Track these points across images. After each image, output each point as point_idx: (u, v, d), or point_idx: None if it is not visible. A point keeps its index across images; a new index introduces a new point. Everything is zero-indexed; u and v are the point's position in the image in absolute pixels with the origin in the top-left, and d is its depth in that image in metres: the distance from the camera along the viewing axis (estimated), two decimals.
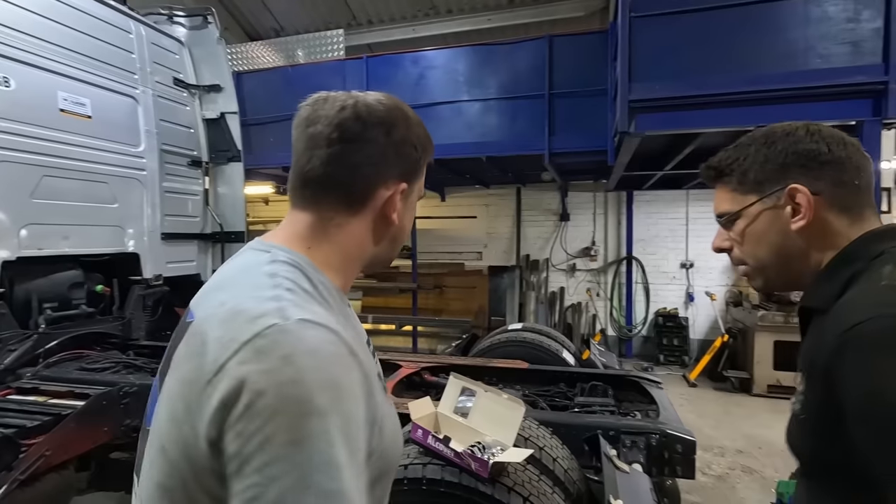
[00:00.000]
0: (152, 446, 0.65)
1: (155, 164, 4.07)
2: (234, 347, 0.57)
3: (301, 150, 0.74)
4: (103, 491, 3.41)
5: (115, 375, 3.05)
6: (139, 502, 0.68)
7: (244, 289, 0.66)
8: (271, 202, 9.70)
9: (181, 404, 0.60)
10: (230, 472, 0.54)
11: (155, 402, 0.68)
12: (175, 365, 0.65)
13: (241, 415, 0.53)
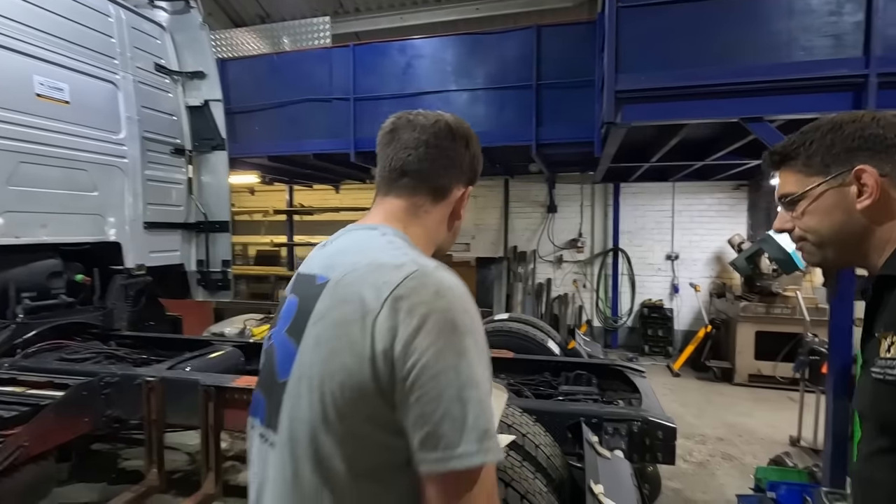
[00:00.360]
0: (303, 389, 0.74)
1: (136, 152, 3.99)
2: (391, 287, 0.70)
3: (399, 148, 0.91)
4: (85, 482, 3.39)
5: (96, 366, 3.00)
6: (283, 447, 0.76)
7: (373, 251, 0.80)
8: (257, 192, 9.60)
9: (343, 341, 0.71)
10: (403, 379, 0.67)
11: (290, 356, 0.78)
12: (321, 315, 0.75)
13: (412, 335, 0.67)
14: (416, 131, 0.91)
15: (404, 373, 0.68)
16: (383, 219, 0.91)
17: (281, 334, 0.83)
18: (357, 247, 0.85)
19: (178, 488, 3.24)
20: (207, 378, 2.64)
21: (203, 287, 4.75)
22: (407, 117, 0.94)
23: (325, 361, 0.72)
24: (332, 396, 0.71)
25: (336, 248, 0.88)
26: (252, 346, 3.59)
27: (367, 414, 0.70)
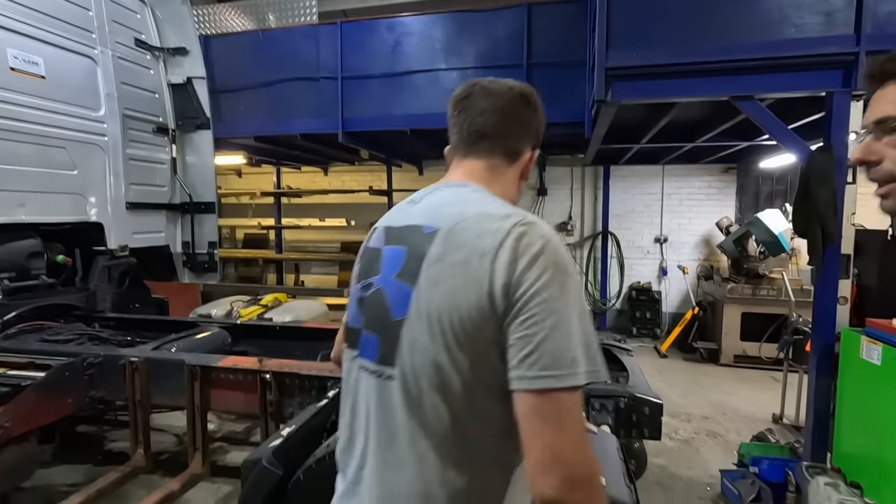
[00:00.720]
0: (423, 324, 0.83)
1: (117, 130, 3.89)
2: (505, 231, 0.81)
3: (477, 114, 0.99)
4: (70, 464, 3.37)
5: (79, 347, 2.96)
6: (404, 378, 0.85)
7: (475, 204, 0.90)
8: (244, 174, 9.44)
9: (463, 278, 0.81)
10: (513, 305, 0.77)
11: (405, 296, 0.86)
12: (437, 258, 0.84)
13: (525, 269, 0.78)
14: (492, 97, 0.99)
15: (515, 299, 0.78)
16: (467, 178, 1.00)
17: (389, 279, 0.91)
18: (456, 200, 0.93)
19: (165, 469, 3.22)
20: (193, 358, 2.61)
21: (189, 269, 4.69)
22: (482, 85, 1.01)
23: (445, 297, 0.82)
24: (453, 327, 0.80)
25: (433, 202, 0.96)
26: (239, 327, 3.56)
27: (483, 340, 0.80)
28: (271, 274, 9.24)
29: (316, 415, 1.95)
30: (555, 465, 0.73)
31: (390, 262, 0.92)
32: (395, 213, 1.02)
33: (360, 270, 1.01)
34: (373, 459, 0.90)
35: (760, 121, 2.98)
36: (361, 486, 0.92)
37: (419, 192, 1.02)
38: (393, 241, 0.95)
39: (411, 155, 8.02)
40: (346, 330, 1.03)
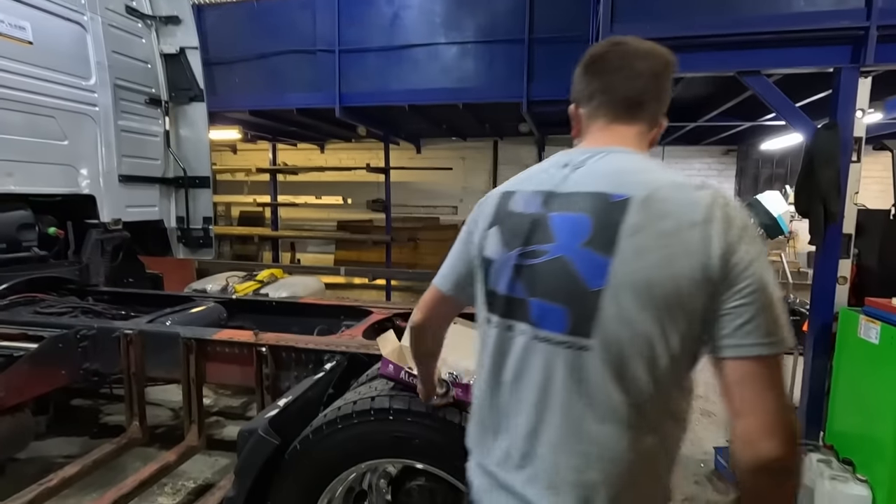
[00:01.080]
0: (628, 294, 0.81)
1: (108, 100, 3.79)
2: (710, 202, 0.81)
3: (633, 77, 0.95)
4: (65, 437, 3.37)
5: (72, 320, 2.92)
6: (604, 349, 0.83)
7: (657, 172, 0.89)
8: (240, 151, 9.32)
9: (675, 248, 0.80)
10: (727, 277, 0.79)
11: (600, 266, 0.83)
12: (639, 228, 0.82)
13: (737, 242, 0.79)
14: (648, 60, 0.95)
15: (730, 269, 0.79)
16: (623, 143, 0.96)
17: (574, 247, 0.86)
18: (633, 168, 0.90)
19: (161, 442, 3.23)
20: (188, 331, 2.58)
21: (184, 244, 4.63)
22: (634, 45, 0.96)
23: (656, 267, 0.80)
24: (666, 298, 0.80)
25: (604, 168, 0.91)
26: (235, 302, 3.52)
27: (693, 310, 0.81)
28: (267, 252, 9.19)
29: (313, 387, 1.94)
30: (777, 426, 0.77)
31: (570, 230, 0.87)
32: (545, 177, 0.96)
33: (508, 235, 0.94)
34: (554, 432, 0.87)
35: (766, 97, 2.92)
36: (535, 459, 0.89)
37: (567, 156, 0.97)
38: (564, 208, 0.89)
39: (409, 132, 7.92)
40: (488, 296, 0.97)
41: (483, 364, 0.99)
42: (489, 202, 1.04)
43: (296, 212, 9.11)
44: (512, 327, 0.93)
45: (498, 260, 0.95)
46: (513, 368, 0.92)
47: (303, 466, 1.58)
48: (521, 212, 0.95)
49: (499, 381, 0.95)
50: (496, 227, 0.98)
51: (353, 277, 7.93)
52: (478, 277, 1.01)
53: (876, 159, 6.24)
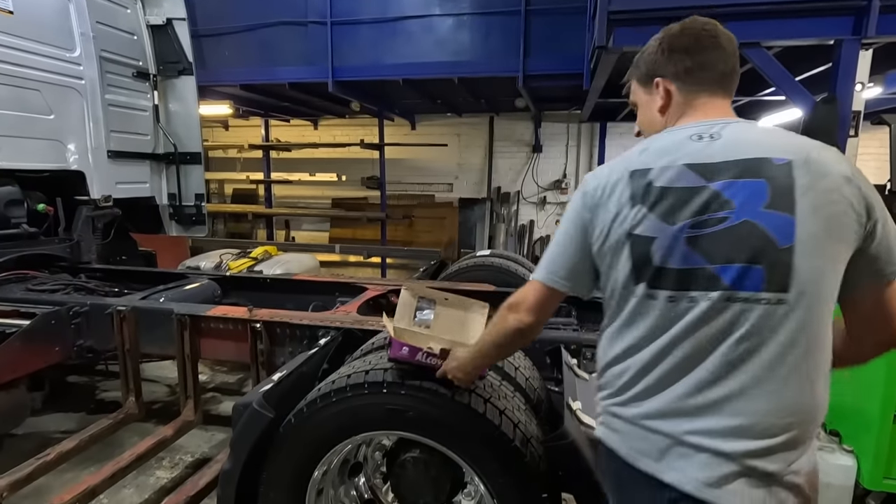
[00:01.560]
0: (812, 248, 0.92)
1: (94, 73, 3.69)
2: (846, 160, 0.99)
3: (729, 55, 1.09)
4: (62, 412, 3.38)
5: (65, 297, 2.90)
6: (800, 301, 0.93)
7: (792, 136, 1.02)
8: (232, 127, 9.18)
9: (842, 205, 0.92)
10: (875, 219, 0.94)
11: (787, 224, 0.92)
12: (808, 187, 0.93)
13: (870, 189, 0.95)
14: (731, 41, 1.09)
15: (874, 216, 0.94)
16: (729, 115, 1.09)
17: (758, 211, 0.93)
18: (769, 133, 1.05)
19: (157, 417, 3.25)
20: (182, 307, 2.58)
21: (176, 222, 4.58)
22: (715, 26, 1.09)
23: (830, 220, 0.92)
24: (839, 248, 0.94)
25: (747, 137, 1.01)
26: (229, 279, 3.51)
27: (853, 255, 0.95)
28: (261, 230, 9.13)
29: (307, 361, 1.94)
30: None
31: (749, 195, 0.94)
32: (685, 151, 1.00)
33: (668, 210, 0.97)
34: (751, 381, 0.94)
35: (766, 70, 2.88)
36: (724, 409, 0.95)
37: (692, 129, 1.03)
38: (731, 176, 0.96)
39: (404, 108, 7.81)
40: (649, 273, 0.99)
41: (637, 325, 1.02)
42: (617, 187, 1.03)
43: (290, 189, 9.03)
44: (693, 297, 0.96)
45: (661, 236, 0.97)
46: (691, 331, 0.96)
47: (298, 439, 1.59)
48: (676, 186, 0.97)
49: (674, 344, 0.98)
50: (643, 205, 0.98)
51: (349, 255, 7.92)
52: (620, 258, 1.02)
53: (873, 136, 6.21)
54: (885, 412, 2.44)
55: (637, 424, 1.02)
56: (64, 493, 2.01)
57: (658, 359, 1.00)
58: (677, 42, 1.08)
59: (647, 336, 1.01)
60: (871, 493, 2.57)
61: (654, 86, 1.13)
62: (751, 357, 0.94)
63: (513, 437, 1.40)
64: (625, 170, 1.03)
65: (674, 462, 0.97)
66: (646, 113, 1.18)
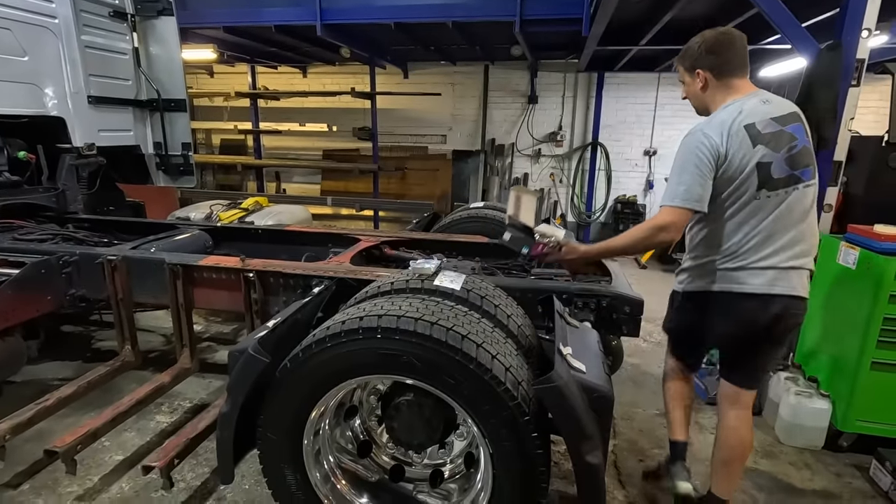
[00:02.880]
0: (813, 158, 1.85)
1: (68, 11, 3.49)
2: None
3: (741, 53, 1.86)
4: (59, 361, 3.42)
5: (54, 246, 2.87)
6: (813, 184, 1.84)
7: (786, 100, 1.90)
8: (217, 74, 8.83)
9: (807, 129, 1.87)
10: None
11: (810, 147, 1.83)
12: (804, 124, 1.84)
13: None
14: (743, 40, 1.88)
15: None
16: (754, 88, 1.89)
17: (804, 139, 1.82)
18: (783, 101, 1.88)
19: (154, 365, 3.30)
20: (174, 257, 2.56)
21: (164, 172, 4.48)
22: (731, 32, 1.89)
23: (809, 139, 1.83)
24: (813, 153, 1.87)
25: (778, 100, 1.86)
26: (220, 230, 3.47)
27: None
28: (251, 181, 8.98)
29: (301, 309, 1.95)
30: None
31: (799, 132, 1.81)
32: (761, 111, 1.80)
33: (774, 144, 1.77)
34: (808, 230, 1.85)
35: (772, 15, 2.78)
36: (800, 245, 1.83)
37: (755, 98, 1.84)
38: (789, 122, 1.80)
39: (396, 55, 7.53)
40: (762, 182, 1.78)
41: (757, 215, 1.80)
42: (737, 136, 1.77)
43: (280, 140, 8.81)
44: (788, 190, 1.78)
45: (775, 161, 1.77)
46: (784, 209, 1.79)
47: (293, 384, 1.62)
48: (771, 131, 1.78)
49: (775, 219, 1.80)
50: (760, 144, 1.76)
51: (341, 208, 7.84)
52: (744, 177, 1.78)
53: (874, 88, 6.11)
54: (861, 359, 2.54)
55: (758, 268, 1.82)
56: (66, 436, 2.05)
57: (768, 232, 1.80)
58: (718, 46, 1.86)
59: (762, 221, 1.80)
60: (843, 434, 2.71)
61: (696, 74, 1.91)
62: (806, 216, 1.82)
63: (504, 379, 1.44)
64: (739, 125, 1.77)
65: (772, 280, 1.81)
66: (691, 89, 1.97)
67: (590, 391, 1.46)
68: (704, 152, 1.76)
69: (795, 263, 1.80)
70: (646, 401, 3.25)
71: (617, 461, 2.61)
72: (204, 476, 2.35)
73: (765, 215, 1.78)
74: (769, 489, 2.44)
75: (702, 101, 1.95)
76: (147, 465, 1.88)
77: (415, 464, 2.00)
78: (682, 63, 1.97)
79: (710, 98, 1.90)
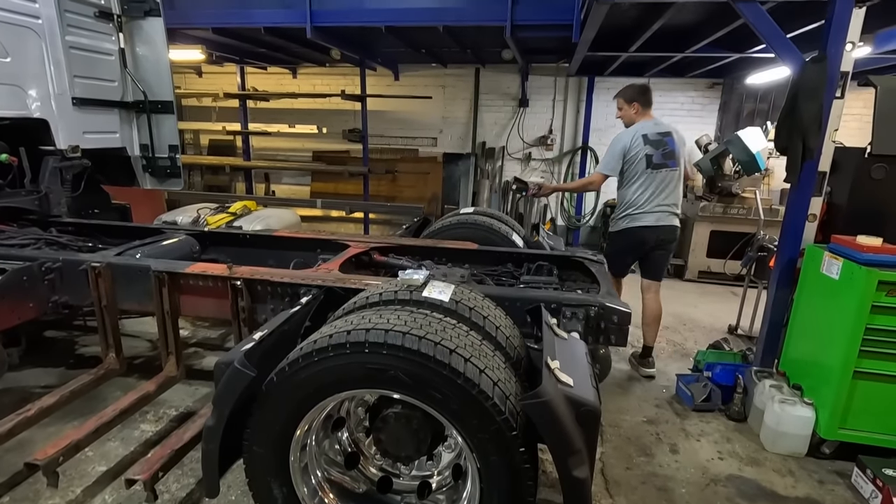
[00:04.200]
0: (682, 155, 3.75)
1: (52, 11, 3.43)
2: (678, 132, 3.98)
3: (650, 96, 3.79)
4: (42, 367, 3.36)
5: (36, 252, 2.82)
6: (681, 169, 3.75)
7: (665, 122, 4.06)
8: (206, 74, 8.74)
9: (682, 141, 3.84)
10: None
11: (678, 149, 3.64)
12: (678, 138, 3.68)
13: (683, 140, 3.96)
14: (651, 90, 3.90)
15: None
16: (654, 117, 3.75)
17: (675, 146, 3.58)
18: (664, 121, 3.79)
19: (139, 372, 3.26)
20: (159, 264, 2.52)
21: (150, 174, 4.41)
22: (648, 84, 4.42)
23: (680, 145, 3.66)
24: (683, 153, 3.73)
25: (662, 122, 3.72)
26: (207, 235, 3.44)
27: None
28: (240, 183, 8.90)
29: (288, 320, 1.94)
30: None
31: (671, 141, 3.57)
32: (649, 128, 3.57)
33: (654, 146, 3.51)
34: (672, 192, 3.58)
35: (758, 26, 2.81)
36: (667, 200, 3.57)
37: (651, 121, 3.65)
38: (667, 135, 3.57)
39: (387, 57, 7.51)
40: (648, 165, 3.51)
41: (645, 182, 3.54)
42: (638, 139, 3.53)
43: (269, 141, 8.74)
44: (662, 171, 3.52)
45: (654, 154, 3.51)
46: (660, 180, 3.53)
47: (280, 397, 1.60)
48: (655, 139, 3.54)
49: (655, 185, 3.53)
50: (649, 144, 3.52)
51: (330, 210, 7.80)
52: (638, 161, 3.53)
53: (858, 95, 6.21)
54: (844, 368, 2.57)
55: (648, 212, 3.54)
56: (48, 447, 2.01)
57: (651, 192, 3.53)
58: (640, 90, 3.68)
59: (648, 186, 3.53)
60: (825, 441, 2.75)
61: (632, 105, 3.67)
62: (675, 185, 3.58)
63: (492, 394, 1.44)
64: (639, 134, 3.54)
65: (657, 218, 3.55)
66: (627, 113, 3.71)
67: (577, 405, 1.47)
68: (619, 146, 3.60)
69: (667, 210, 3.56)
70: (633, 407, 3.27)
71: (604, 469, 2.63)
72: (189, 487, 2.32)
73: (650, 183, 3.53)
74: (753, 496, 2.47)
75: (631, 120, 3.70)
76: (130, 478, 1.85)
77: (402, 475, 1.99)
78: (623, 96, 3.71)
79: (637, 118, 3.67)
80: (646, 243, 3.60)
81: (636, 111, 3.64)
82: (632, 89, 3.67)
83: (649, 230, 3.55)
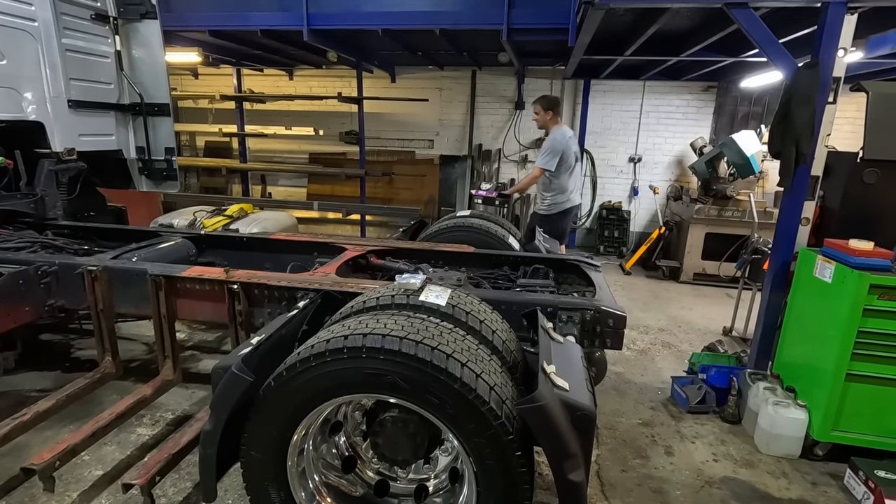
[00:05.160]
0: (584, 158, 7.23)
1: (48, 14, 3.43)
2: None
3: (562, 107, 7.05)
4: (38, 371, 3.35)
5: (32, 255, 2.81)
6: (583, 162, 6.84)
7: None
8: (202, 75, 8.72)
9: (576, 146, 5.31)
10: None
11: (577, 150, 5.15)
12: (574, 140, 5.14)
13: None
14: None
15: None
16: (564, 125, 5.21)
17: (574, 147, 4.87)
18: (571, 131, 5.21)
19: (136, 376, 3.25)
20: (156, 268, 2.53)
21: (146, 177, 4.41)
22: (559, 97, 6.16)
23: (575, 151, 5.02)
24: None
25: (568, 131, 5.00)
26: (204, 238, 3.44)
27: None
28: (237, 185, 8.88)
29: (286, 324, 1.94)
30: None
31: (575, 143, 4.88)
32: (567, 135, 4.79)
33: (572, 145, 4.76)
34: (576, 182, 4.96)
35: (751, 31, 2.84)
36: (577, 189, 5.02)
37: (567, 126, 5.04)
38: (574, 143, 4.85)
39: (383, 60, 7.52)
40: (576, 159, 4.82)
41: (571, 174, 4.78)
42: (566, 141, 4.70)
43: (265, 143, 8.74)
44: (576, 164, 4.83)
45: (576, 152, 4.80)
46: (577, 172, 4.88)
47: (278, 402, 1.61)
48: (572, 141, 4.81)
49: (574, 176, 4.84)
50: (571, 145, 4.75)
51: (327, 212, 7.80)
52: (569, 158, 4.71)
53: (851, 99, 6.26)
54: (837, 371, 2.60)
55: (573, 194, 4.89)
56: (44, 452, 2.01)
57: (573, 181, 4.86)
58: (554, 100, 4.85)
59: (571, 177, 4.81)
60: (818, 443, 2.77)
61: (548, 112, 4.77)
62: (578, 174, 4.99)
63: (488, 398, 1.45)
64: (566, 137, 4.75)
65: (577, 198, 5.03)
66: (543, 118, 4.81)
67: (573, 409, 1.48)
68: (559, 147, 4.62)
69: (578, 192, 4.95)
70: (629, 410, 3.29)
71: (600, 471, 2.64)
72: (186, 491, 2.32)
73: (572, 174, 4.71)
74: (747, 498, 2.49)
75: (545, 124, 4.82)
76: (127, 482, 1.85)
77: (399, 479, 2.00)
78: (541, 104, 4.75)
79: (550, 124, 4.77)
80: (572, 216, 5.14)
81: (551, 118, 4.74)
82: (548, 100, 4.79)
83: (575, 207, 5.00)
